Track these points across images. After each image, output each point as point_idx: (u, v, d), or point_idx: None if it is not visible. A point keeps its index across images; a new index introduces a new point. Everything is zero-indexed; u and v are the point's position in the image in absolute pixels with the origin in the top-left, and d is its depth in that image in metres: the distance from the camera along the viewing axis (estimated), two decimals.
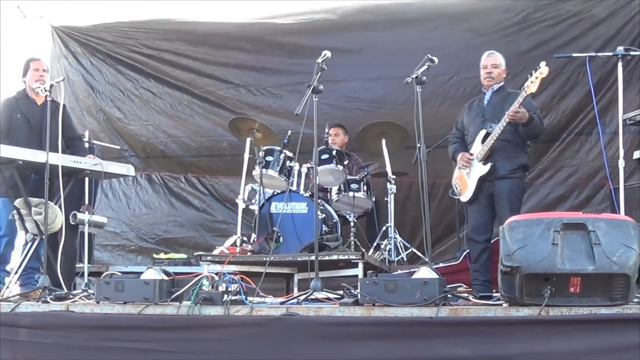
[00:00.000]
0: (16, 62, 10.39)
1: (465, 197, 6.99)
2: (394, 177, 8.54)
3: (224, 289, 5.22)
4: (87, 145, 8.41)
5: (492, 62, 7.09)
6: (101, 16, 11.19)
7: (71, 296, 6.08)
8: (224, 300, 5.14)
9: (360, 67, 10.11)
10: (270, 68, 10.73)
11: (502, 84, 7.13)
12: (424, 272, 4.95)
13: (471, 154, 6.93)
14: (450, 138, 7.37)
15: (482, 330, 4.39)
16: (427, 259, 6.29)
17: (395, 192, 8.52)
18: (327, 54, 6.19)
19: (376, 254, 8.26)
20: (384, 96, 9.86)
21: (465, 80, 9.48)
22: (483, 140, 6.82)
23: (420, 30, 9.81)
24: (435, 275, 4.94)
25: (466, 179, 6.97)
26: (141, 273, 5.70)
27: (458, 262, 7.53)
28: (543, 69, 6.40)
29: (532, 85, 6.43)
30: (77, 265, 7.90)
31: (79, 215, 7.08)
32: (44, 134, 6.58)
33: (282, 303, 5.43)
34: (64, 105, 7.04)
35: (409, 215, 9.46)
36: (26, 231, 6.84)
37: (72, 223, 7.26)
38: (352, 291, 5.18)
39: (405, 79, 6.25)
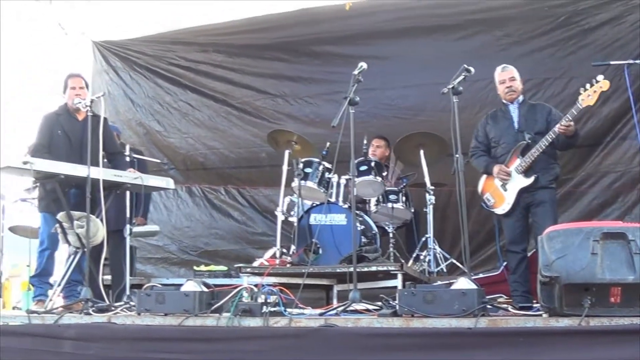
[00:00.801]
0: (59, 78, 10.59)
1: (502, 209, 6.91)
2: (433, 187, 8.47)
3: (263, 301, 5.25)
4: (128, 159, 8.49)
5: (510, 76, 7.05)
6: (140, 28, 11.35)
7: (113, 308, 6.14)
8: (263, 311, 5.16)
9: (397, 75, 10.09)
10: (307, 77, 10.76)
11: (522, 95, 7.12)
12: (463, 283, 4.92)
13: (508, 166, 6.87)
14: (474, 151, 7.28)
15: (521, 341, 4.33)
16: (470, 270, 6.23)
17: (434, 202, 8.43)
18: (364, 65, 6.18)
19: (415, 265, 8.22)
20: (422, 103, 9.80)
21: None
22: (522, 152, 6.76)
23: (457, 36, 9.80)
24: (474, 286, 4.91)
25: (501, 191, 6.90)
26: (181, 285, 5.74)
27: (498, 272, 7.45)
28: (603, 83, 6.35)
29: (589, 98, 6.38)
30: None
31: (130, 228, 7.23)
32: (84, 150, 6.66)
33: (320, 314, 5.42)
34: (104, 119, 7.10)
35: (449, 225, 9.38)
36: (69, 244, 6.93)
37: (126, 237, 7.37)
38: (391, 302, 5.17)
39: (443, 86, 6.21)
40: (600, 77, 6.34)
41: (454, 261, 8.34)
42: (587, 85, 6.40)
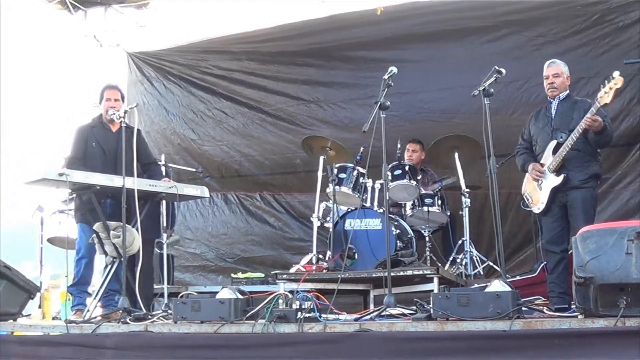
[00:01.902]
0: (93, 90, 10.73)
1: (537, 208, 6.85)
2: (468, 190, 8.42)
3: (298, 307, 5.25)
4: (163, 168, 8.55)
5: (553, 72, 6.93)
6: (173, 38, 11.46)
7: (150, 317, 6.19)
8: (297, 317, 5.17)
9: (430, 78, 10.06)
10: (340, 82, 10.77)
11: (567, 92, 6.96)
12: (497, 285, 4.89)
13: (542, 165, 6.80)
14: (518, 149, 7.23)
15: (556, 343, 4.30)
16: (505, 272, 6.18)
17: (469, 205, 8.38)
18: (394, 69, 6.17)
19: (452, 269, 8.18)
20: (456, 106, 9.70)
21: (538, 87, 9.11)
22: (554, 151, 6.68)
23: (489, 37, 9.75)
24: (508, 288, 4.87)
25: (538, 190, 6.83)
26: (217, 293, 5.76)
27: (535, 274, 7.39)
28: (617, 80, 6.24)
29: (605, 96, 6.27)
30: (157, 286, 8.06)
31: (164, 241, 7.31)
32: (119, 161, 6.73)
33: (355, 319, 5.42)
34: (138, 130, 7.16)
35: (486, 227, 9.29)
36: (105, 254, 6.99)
37: (158, 250, 7.43)
38: (425, 306, 5.15)
39: (476, 88, 6.19)
40: (616, 74, 6.25)
41: (491, 264, 8.28)
42: (605, 82, 6.31)
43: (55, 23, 11.40)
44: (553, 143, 6.71)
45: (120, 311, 6.21)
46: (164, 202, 7.96)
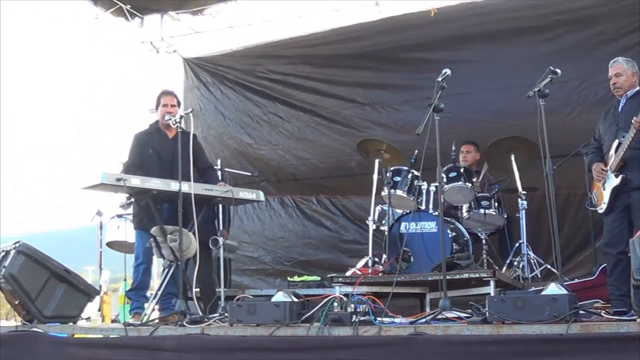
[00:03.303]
0: (150, 96, 10.88)
1: (600, 208, 6.73)
2: (525, 192, 8.33)
3: (353, 310, 5.25)
4: (219, 173, 8.62)
5: (615, 72, 6.78)
6: (229, 43, 11.57)
7: (206, 319, 6.24)
8: (352, 320, 5.16)
9: (485, 79, 9.99)
10: (394, 84, 10.76)
11: (637, 88, 6.78)
12: (553, 288, 4.83)
13: (605, 165, 6.69)
14: (588, 149, 7.12)
15: (614, 347, 4.23)
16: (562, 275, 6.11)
17: (526, 207, 8.27)
18: (447, 71, 6.14)
19: (509, 272, 8.10)
20: (512, 107, 9.54)
21: (596, 85, 9.09)
22: (616, 150, 6.57)
23: (545, 37, 9.63)
24: (565, 291, 4.81)
25: (601, 190, 6.73)
26: (272, 296, 5.79)
27: (594, 276, 7.27)
28: None
29: None
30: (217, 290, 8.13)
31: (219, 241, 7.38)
32: (175, 167, 6.78)
33: (410, 323, 5.40)
34: (194, 135, 7.22)
35: (544, 230, 9.15)
36: (163, 258, 7.08)
37: (212, 248, 7.50)
38: (481, 309, 5.11)
39: (531, 89, 6.13)
40: None
41: (549, 266, 8.16)
42: None
43: (112, 31, 11.59)
44: (616, 142, 6.58)
45: (177, 314, 6.28)
46: (220, 206, 8.07)
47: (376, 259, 8.06)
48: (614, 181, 6.53)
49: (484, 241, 8.36)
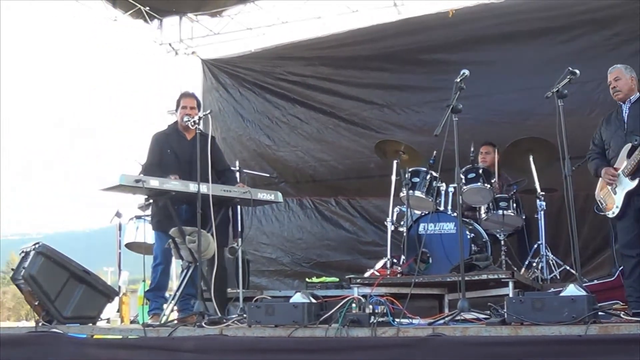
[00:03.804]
0: (168, 97, 10.94)
1: (612, 212, 6.70)
2: (543, 193, 8.30)
3: (371, 311, 5.25)
4: (237, 174, 8.65)
5: (614, 77, 6.79)
6: (248, 44, 11.63)
7: (224, 320, 6.26)
8: (371, 321, 5.16)
9: (503, 80, 9.97)
10: (413, 86, 10.77)
11: (638, 94, 6.82)
12: (572, 290, 4.81)
13: (616, 169, 6.66)
14: (589, 154, 7.10)
15: (633, 348, 4.20)
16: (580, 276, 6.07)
17: (545, 208, 8.25)
18: (466, 72, 6.14)
19: (528, 273, 8.07)
20: (530, 108, 9.54)
21: None
22: (629, 154, 6.53)
23: (564, 38, 9.62)
24: (584, 292, 4.79)
25: (612, 194, 6.69)
26: (290, 297, 5.80)
27: (613, 278, 7.23)
28: None
29: None
30: (232, 291, 8.15)
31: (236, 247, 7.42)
32: (193, 168, 6.82)
33: (428, 324, 5.39)
34: (212, 137, 7.23)
35: (563, 231, 9.12)
36: (181, 259, 7.10)
37: (230, 256, 7.53)
38: (499, 310, 5.10)
39: (549, 90, 6.11)
40: None
41: (568, 267, 8.14)
42: None
43: (130, 33, 11.66)
44: (627, 146, 6.55)
45: (196, 315, 6.30)
46: (238, 208, 8.10)
47: (394, 260, 8.06)
48: (628, 185, 6.49)
49: (502, 242, 8.30)
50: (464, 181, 7.87)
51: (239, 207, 8.26)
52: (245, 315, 6.13)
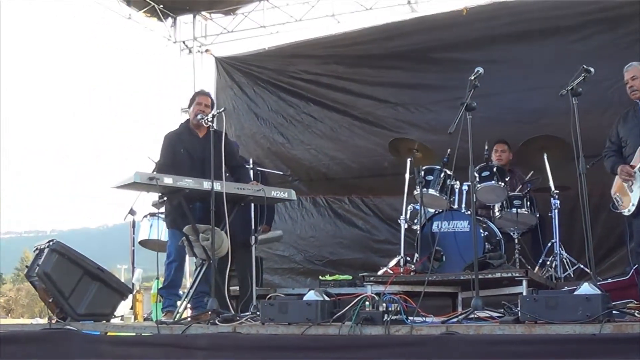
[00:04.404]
0: (182, 95, 10.96)
1: (628, 210, 6.70)
2: (557, 191, 8.27)
3: (384, 309, 5.25)
4: (251, 172, 8.65)
5: (631, 76, 6.82)
6: (262, 42, 11.66)
7: (238, 318, 6.26)
8: (384, 320, 5.15)
9: (517, 78, 9.96)
10: (427, 85, 10.77)
11: None
12: (586, 288, 4.79)
13: (632, 167, 6.64)
14: (606, 152, 7.10)
15: None
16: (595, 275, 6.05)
17: (559, 206, 8.23)
18: (480, 70, 6.11)
19: (542, 271, 8.05)
20: (544, 107, 9.50)
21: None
22: None
23: (577, 36, 9.61)
24: (598, 291, 4.77)
25: (628, 192, 6.68)
26: (304, 295, 5.79)
27: (627, 277, 7.20)
28: None
29: None
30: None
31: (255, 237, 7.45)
32: (206, 166, 6.82)
33: (442, 322, 5.38)
34: (225, 133, 7.25)
35: (577, 229, 9.08)
36: (195, 257, 7.11)
37: (252, 246, 7.54)
38: (513, 309, 5.08)
39: (563, 89, 6.09)
40: None
41: (582, 266, 8.10)
42: None
43: (144, 31, 11.69)
44: None
45: (210, 312, 6.31)
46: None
47: (408, 258, 8.05)
48: None
49: (516, 240, 8.31)
50: (477, 179, 7.85)
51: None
52: (258, 313, 6.14)
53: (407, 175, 8.41)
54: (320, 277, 9.46)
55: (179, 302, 7.27)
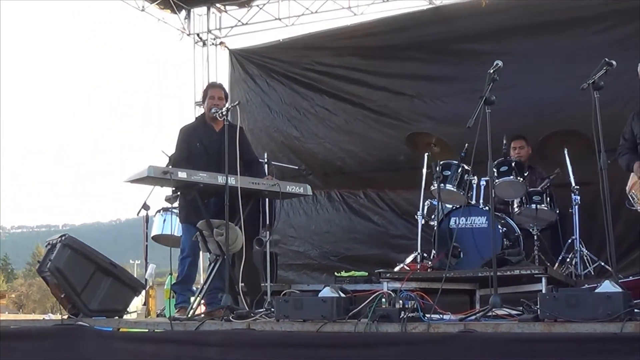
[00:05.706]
0: (197, 88, 10.91)
1: None
2: (578, 187, 8.15)
3: (401, 306, 5.16)
4: (266, 166, 8.58)
5: None
6: (276, 34, 11.62)
7: (252, 314, 6.19)
8: (401, 317, 5.07)
9: (536, 71, 9.81)
10: (443, 76, 10.66)
11: None
12: (607, 286, 4.68)
13: None
14: (620, 149, 7.00)
15: None
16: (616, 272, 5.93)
17: (579, 202, 8.11)
18: (499, 63, 5.98)
19: (561, 268, 7.93)
20: (563, 100, 9.39)
21: None
22: None
23: (598, 28, 9.49)
24: (619, 289, 4.66)
25: None
26: (319, 291, 5.71)
27: None
28: None
29: None
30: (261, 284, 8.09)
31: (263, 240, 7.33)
32: (222, 160, 6.72)
33: (460, 320, 5.29)
34: (240, 127, 7.17)
35: (597, 225, 8.94)
36: (209, 252, 7.04)
37: (258, 247, 7.45)
38: (532, 307, 4.99)
39: (585, 81, 5.96)
40: None
41: (602, 263, 7.98)
42: None
43: (158, 23, 11.64)
44: None
45: (223, 309, 6.23)
46: (267, 200, 8.00)
47: (425, 255, 7.97)
48: None
49: (535, 237, 8.18)
50: (496, 174, 7.74)
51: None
52: (273, 310, 6.06)
53: (424, 170, 8.33)
54: (335, 274, 9.41)
55: (192, 298, 7.20)
